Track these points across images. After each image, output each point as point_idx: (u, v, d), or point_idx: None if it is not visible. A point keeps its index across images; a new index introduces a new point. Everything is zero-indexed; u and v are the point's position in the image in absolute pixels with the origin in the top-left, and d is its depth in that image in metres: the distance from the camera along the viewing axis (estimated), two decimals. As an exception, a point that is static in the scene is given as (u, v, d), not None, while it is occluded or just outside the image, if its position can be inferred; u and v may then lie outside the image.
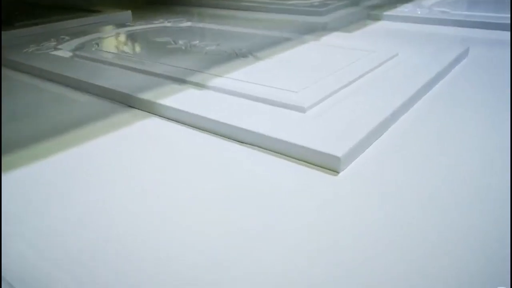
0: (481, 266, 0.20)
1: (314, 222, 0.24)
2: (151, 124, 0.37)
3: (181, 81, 0.43)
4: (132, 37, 0.65)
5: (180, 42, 0.59)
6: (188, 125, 0.36)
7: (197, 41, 0.59)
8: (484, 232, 0.22)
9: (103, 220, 0.24)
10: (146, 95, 0.40)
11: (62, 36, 0.64)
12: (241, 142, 0.33)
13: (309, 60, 0.50)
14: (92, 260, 0.21)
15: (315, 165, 0.29)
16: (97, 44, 0.58)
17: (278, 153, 0.31)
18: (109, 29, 0.71)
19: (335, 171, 0.28)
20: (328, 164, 0.28)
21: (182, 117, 0.37)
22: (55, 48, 0.57)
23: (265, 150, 0.31)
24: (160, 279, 0.20)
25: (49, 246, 0.22)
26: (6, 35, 0.69)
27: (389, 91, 0.39)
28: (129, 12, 0.87)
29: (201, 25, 0.71)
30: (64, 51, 0.56)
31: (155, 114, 0.38)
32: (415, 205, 0.25)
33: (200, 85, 0.42)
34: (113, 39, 0.64)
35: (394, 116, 0.35)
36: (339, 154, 0.28)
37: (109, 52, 0.55)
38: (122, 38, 0.65)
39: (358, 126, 0.32)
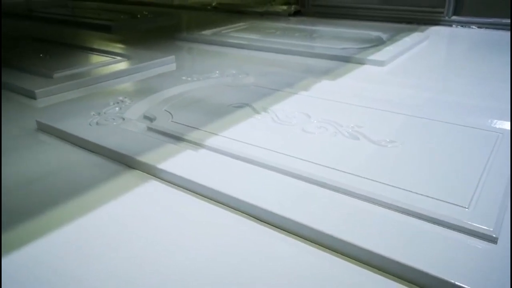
0: None
1: None
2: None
3: (288, 174, 0.37)
4: (201, 99, 0.57)
5: (261, 111, 0.52)
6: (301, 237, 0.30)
7: (278, 107, 0.52)
8: None
9: None
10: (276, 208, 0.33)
11: (120, 98, 0.57)
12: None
13: (430, 142, 0.43)
14: None
15: None
16: (170, 113, 0.51)
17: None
18: (166, 84, 0.63)
19: None
20: None
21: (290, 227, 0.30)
22: (122, 118, 0.50)
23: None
24: None
25: None
26: (51, 91, 0.62)
27: None
28: (173, 57, 0.80)
29: (265, 81, 0.65)
30: (134, 123, 0.49)
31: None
32: None
33: (314, 181, 0.36)
34: (183, 103, 0.56)
35: None
36: None
37: (189, 126, 0.47)
38: (193, 100, 0.57)
39: None
